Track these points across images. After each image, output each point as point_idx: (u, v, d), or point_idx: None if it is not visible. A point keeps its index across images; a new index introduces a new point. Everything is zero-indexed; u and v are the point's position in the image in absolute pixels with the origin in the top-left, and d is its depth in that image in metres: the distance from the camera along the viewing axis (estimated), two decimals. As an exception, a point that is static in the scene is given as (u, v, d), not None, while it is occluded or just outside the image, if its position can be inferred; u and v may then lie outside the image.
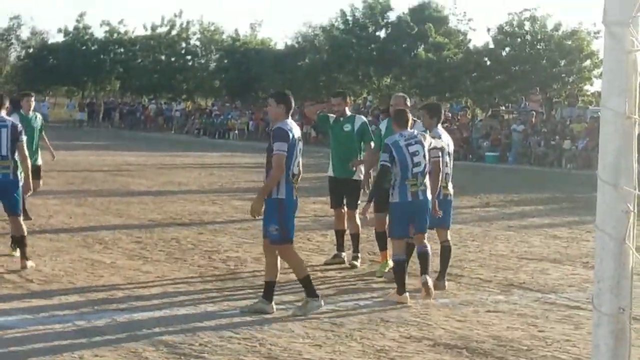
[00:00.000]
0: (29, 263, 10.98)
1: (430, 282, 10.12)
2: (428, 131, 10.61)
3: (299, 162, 9.23)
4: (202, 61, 76.15)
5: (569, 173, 34.25)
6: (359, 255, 12.24)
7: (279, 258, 9.23)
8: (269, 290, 9.16)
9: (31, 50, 78.17)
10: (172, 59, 74.96)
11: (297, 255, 9.37)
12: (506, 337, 8.47)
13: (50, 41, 78.17)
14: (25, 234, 11.13)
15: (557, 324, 9.10)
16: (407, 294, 9.88)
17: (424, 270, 10.18)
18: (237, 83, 69.04)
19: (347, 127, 12.12)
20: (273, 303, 9.14)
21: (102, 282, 10.42)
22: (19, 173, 11.14)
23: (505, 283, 11.20)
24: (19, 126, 11.25)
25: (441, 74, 55.72)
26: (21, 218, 11.22)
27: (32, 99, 15.42)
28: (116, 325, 8.39)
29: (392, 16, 62.84)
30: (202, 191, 21.77)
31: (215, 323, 8.61)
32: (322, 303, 9.18)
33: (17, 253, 11.74)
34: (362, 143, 12.10)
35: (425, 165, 10.08)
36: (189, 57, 75.77)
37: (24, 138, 11.30)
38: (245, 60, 69.17)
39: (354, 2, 63.34)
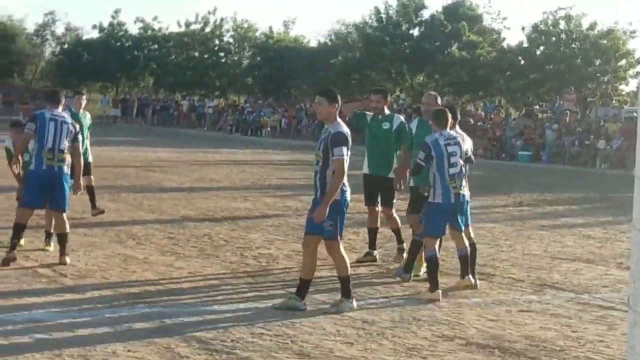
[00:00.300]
0: (68, 259, 11.06)
1: (474, 281, 10.51)
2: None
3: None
4: (235, 58, 76.40)
5: (603, 173, 34.01)
6: (404, 246, 12.19)
7: (316, 257, 9.23)
8: (303, 288, 9.19)
9: (66, 46, 78.80)
10: (206, 56, 75.29)
11: (344, 254, 9.31)
12: (539, 337, 8.42)
13: (84, 37, 78.81)
14: (68, 231, 11.22)
15: (591, 324, 9.04)
16: (440, 291, 9.93)
17: (465, 271, 10.48)
18: (269, 80, 69.20)
19: (386, 125, 12.06)
20: (305, 300, 9.14)
21: (135, 277, 10.48)
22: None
23: (538, 283, 11.13)
24: (77, 127, 11.41)
25: (474, 72, 55.52)
26: (65, 215, 11.23)
27: (84, 97, 15.50)
28: (149, 320, 8.42)
29: (425, 14, 62.71)
30: (234, 188, 21.82)
31: (247, 319, 8.62)
32: (355, 305, 9.16)
33: (51, 248, 11.85)
34: (398, 143, 12.04)
35: (461, 166, 10.21)
36: (222, 54, 76.07)
37: (80, 139, 11.54)
38: (278, 57, 69.28)
39: (388, 0, 63.18)
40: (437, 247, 10.29)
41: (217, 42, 76.03)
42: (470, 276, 10.51)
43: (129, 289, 9.81)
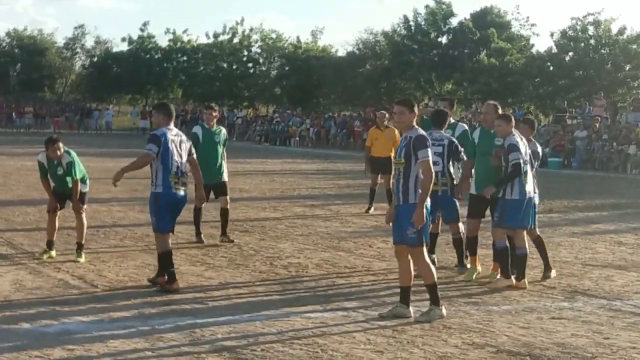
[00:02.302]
0: (175, 286, 10.39)
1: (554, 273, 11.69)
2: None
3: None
4: (264, 68, 76.66)
5: (634, 178, 33.75)
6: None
7: (411, 263, 9.27)
8: (405, 295, 9.27)
9: (95, 59, 79.38)
10: (234, 67, 75.62)
11: (429, 260, 9.31)
12: (571, 344, 8.37)
13: (114, 50, 79.36)
14: (164, 250, 10.59)
15: (623, 331, 8.97)
16: (513, 277, 10.84)
17: (522, 274, 11.08)
18: (298, 90, 69.40)
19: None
20: (411, 307, 9.22)
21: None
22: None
23: (569, 290, 11.06)
24: (190, 141, 10.93)
25: (503, 79, 55.35)
26: (163, 235, 10.57)
27: (214, 112, 14.61)
28: (179, 330, 8.45)
29: (454, 22, 62.67)
30: (264, 197, 21.85)
31: (277, 328, 8.63)
32: (445, 312, 9.16)
33: (82, 259, 11.93)
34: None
35: (530, 167, 11.10)
36: (250, 65, 76.36)
37: (194, 152, 10.98)
38: (306, 67, 69.51)
39: (418, 8, 63.25)
40: (506, 237, 11.09)
41: (245, 52, 76.36)
42: (525, 280, 11.04)
43: (160, 299, 9.85)
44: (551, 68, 55.32)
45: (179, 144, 10.64)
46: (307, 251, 13.55)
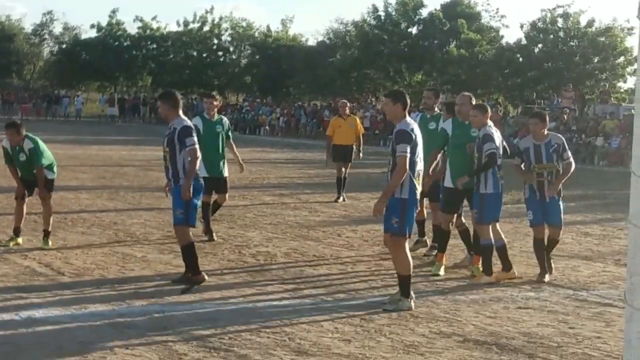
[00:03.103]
0: (206, 276, 10.26)
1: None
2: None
3: (421, 158, 9.25)
4: (234, 57, 76.42)
5: (601, 170, 34.01)
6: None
7: (408, 253, 9.31)
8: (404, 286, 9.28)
9: (64, 46, 78.82)
10: (204, 55, 75.29)
11: (407, 253, 9.30)
12: (536, 333, 8.43)
13: (82, 37, 78.83)
14: (189, 242, 10.28)
15: (588, 321, 9.05)
16: (495, 274, 10.86)
17: (507, 264, 11.19)
18: (268, 79, 69.29)
19: (432, 126, 12.19)
20: (412, 294, 9.27)
21: (133, 275, 10.48)
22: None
23: (536, 280, 11.13)
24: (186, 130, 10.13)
25: (473, 70, 55.54)
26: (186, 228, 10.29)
27: (215, 101, 13.90)
28: (147, 318, 8.43)
29: (424, 12, 62.75)
30: (233, 186, 21.67)
31: (244, 317, 8.63)
32: (413, 305, 9.17)
33: (49, 246, 11.85)
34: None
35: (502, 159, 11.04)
36: (220, 53, 76.08)
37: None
38: (277, 56, 69.37)
39: (387, -2, 63.20)
40: (491, 235, 10.96)
41: (215, 41, 76.07)
42: (514, 270, 11.19)
43: (128, 287, 9.82)
44: (520, 59, 55.55)
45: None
46: (275, 240, 13.56)
